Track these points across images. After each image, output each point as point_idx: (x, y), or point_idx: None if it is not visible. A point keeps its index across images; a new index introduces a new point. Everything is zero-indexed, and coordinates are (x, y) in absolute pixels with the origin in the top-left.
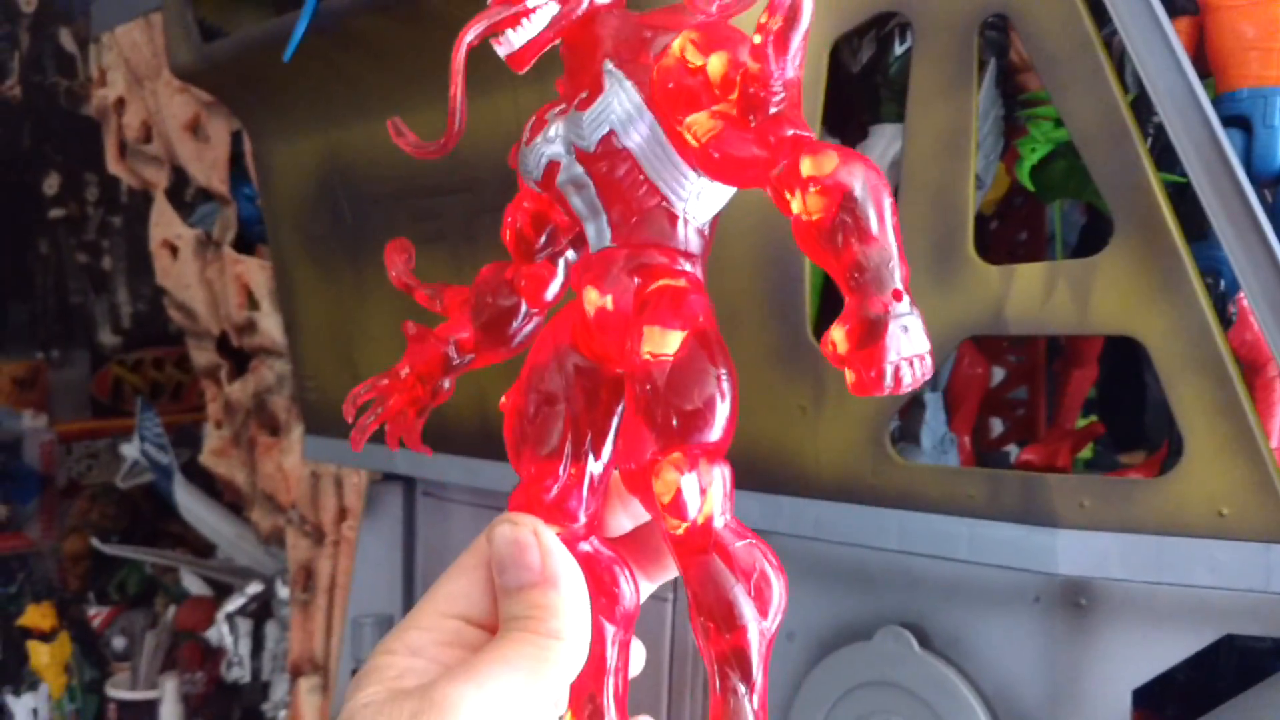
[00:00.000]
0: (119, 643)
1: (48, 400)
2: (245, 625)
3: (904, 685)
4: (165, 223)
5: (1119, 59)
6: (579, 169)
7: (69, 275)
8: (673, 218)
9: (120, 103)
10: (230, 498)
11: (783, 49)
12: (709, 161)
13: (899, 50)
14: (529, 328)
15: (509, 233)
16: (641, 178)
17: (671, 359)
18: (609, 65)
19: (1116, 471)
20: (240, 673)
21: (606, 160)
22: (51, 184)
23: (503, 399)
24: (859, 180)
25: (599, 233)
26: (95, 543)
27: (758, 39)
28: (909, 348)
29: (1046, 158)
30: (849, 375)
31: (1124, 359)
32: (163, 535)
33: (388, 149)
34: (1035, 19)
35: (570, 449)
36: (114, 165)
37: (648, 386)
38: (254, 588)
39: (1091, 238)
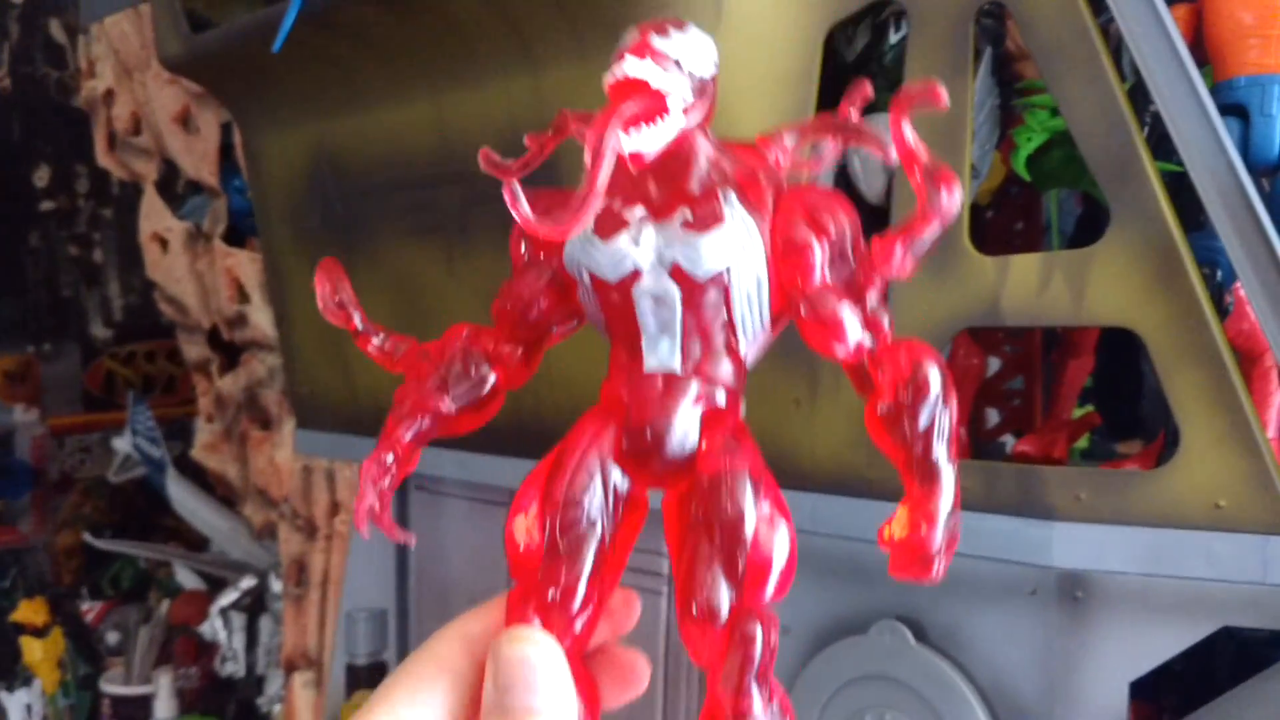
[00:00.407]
0: (112, 638)
1: (39, 394)
2: (239, 619)
3: (900, 679)
4: (155, 215)
5: (1116, 47)
6: (672, 288)
7: (60, 268)
8: (737, 358)
9: (109, 94)
10: (222, 492)
11: (912, 252)
12: (805, 323)
13: (894, 39)
14: (497, 405)
15: (511, 306)
16: (726, 316)
17: (757, 520)
18: (731, 197)
19: (1113, 461)
20: (235, 667)
21: (707, 291)
22: (42, 176)
23: (523, 520)
24: (946, 382)
25: (661, 351)
26: (88, 538)
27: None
28: (956, 544)
29: (1043, 147)
30: (898, 557)
31: (1120, 347)
32: (156, 529)
33: (379, 139)
34: (1032, 6)
35: (594, 572)
36: (103, 158)
37: (731, 539)
38: (247, 582)
39: (1088, 227)
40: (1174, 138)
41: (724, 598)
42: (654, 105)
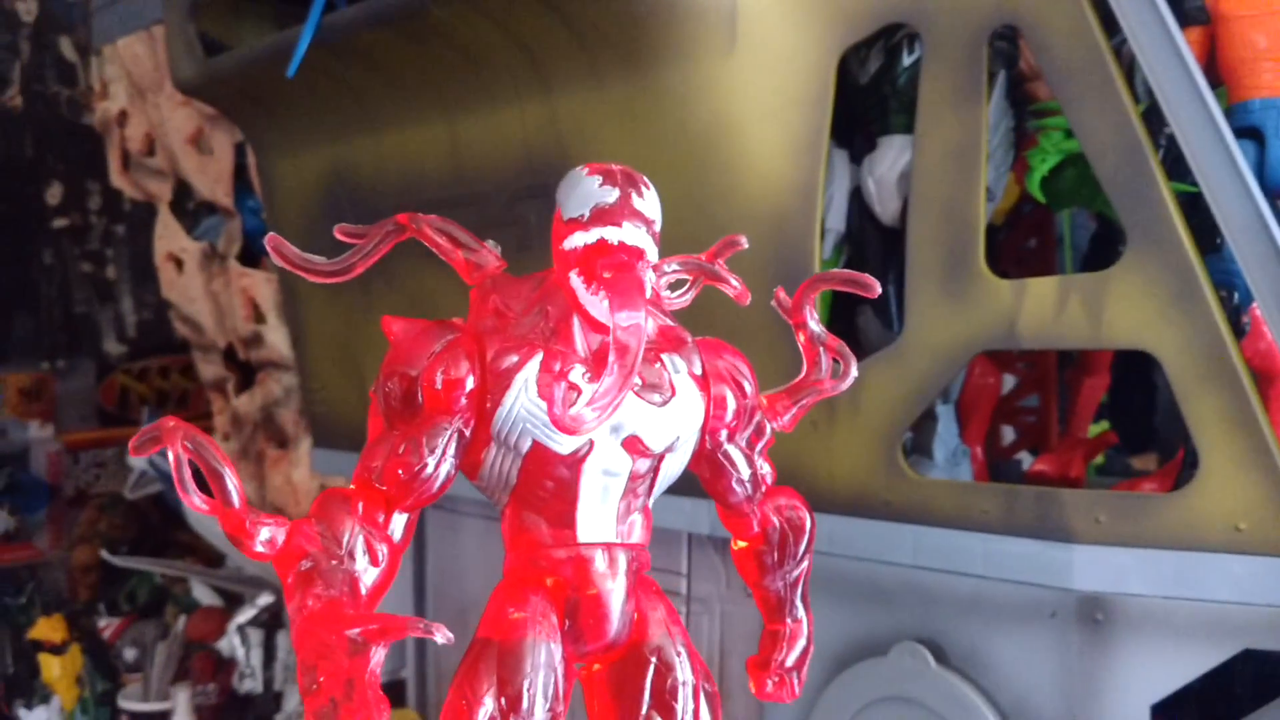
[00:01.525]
0: (130, 654)
1: (54, 410)
2: (257, 636)
3: (921, 701)
4: (170, 236)
5: (1129, 69)
6: (625, 461)
7: (73, 285)
8: (648, 514)
9: (123, 115)
10: None
11: (800, 413)
12: (711, 472)
13: (907, 61)
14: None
15: (413, 481)
16: (652, 479)
17: (696, 685)
18: (677, 363)
19: (1130, 480)
20: (253, 684)
21: (651, 459)
22: (54, 193)
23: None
24: (813, 535)
25: (598, 522)
26: (104, 554)
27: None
28: (806, 664)
29: (1056, 167)
30: (767, 685)
31: (1134, 362)
32: (172, 545)
33: (394, 162)
34: (1045, 30)
35: None
36: (117, 178)
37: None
38: (265, 598)
39: (1103, 244)
40: (1189, 161)
41: None
42: (643, 275)
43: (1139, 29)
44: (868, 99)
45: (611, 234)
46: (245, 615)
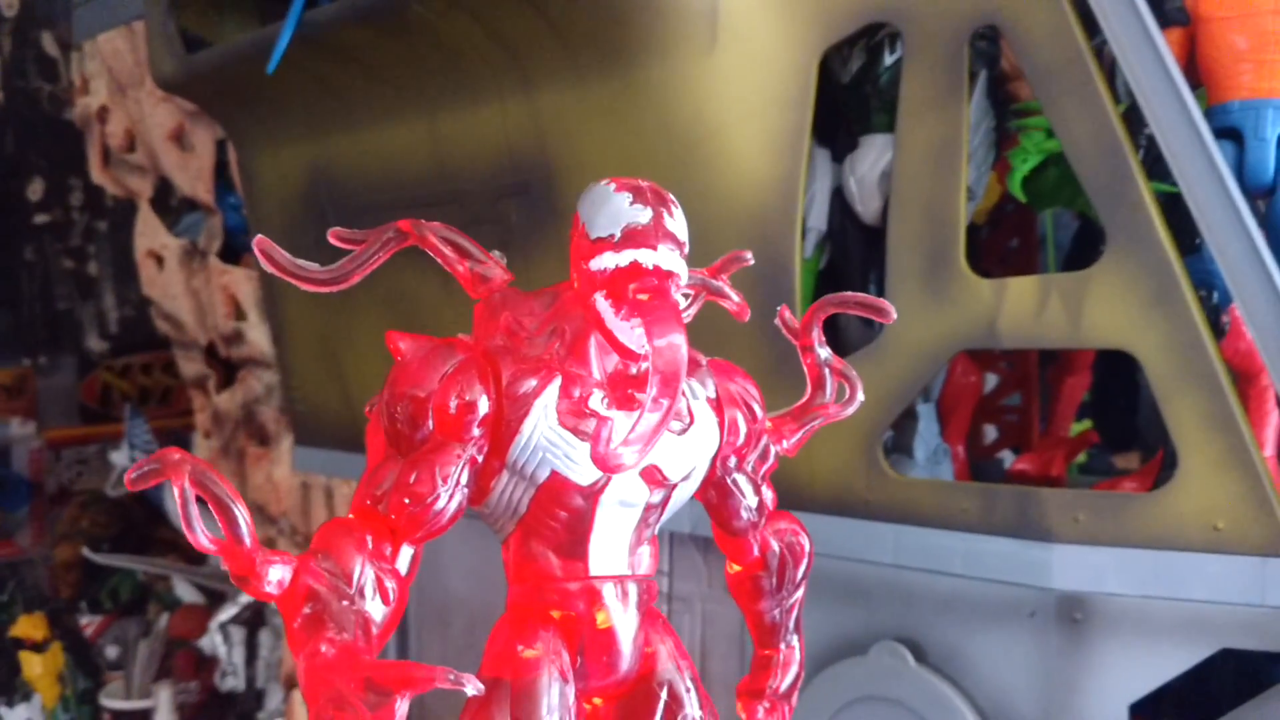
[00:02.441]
0: (112, 651)
1: (36, 407)
2: (239, 634)
3: (900, 700)
4: (150, 232)
5: (1110, 69)
6: (642, 491)
7: (55, 281)
8: (655, 544)
9: (103, 111)
10: None
11: (805, 437)
12: (719, 497)
13: (889, 60)
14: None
15: (423, 513)
16: (662, 509)
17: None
18: (695, 388)
19: (1111, 477)
20: (235, 682)
21: (669, 489)
22: (35, 189)
23: None
24: (810, 563)
25: (610, 554)
26: (86, 552)
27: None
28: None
29: (1038, 167)
30: (758, 713)
31: (1117, 360)
32: (154, 542)
33: (375, 159)
34: (1026, 30)
35: None
36: (98, 174)
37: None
38: (247, 596)
39: (1086, 243)
40: (1169, 161)
41: None
42: (678, 301)
43: (1119, 30)
44: (849, 98)
45: (646, 257)
46: (227, 613)
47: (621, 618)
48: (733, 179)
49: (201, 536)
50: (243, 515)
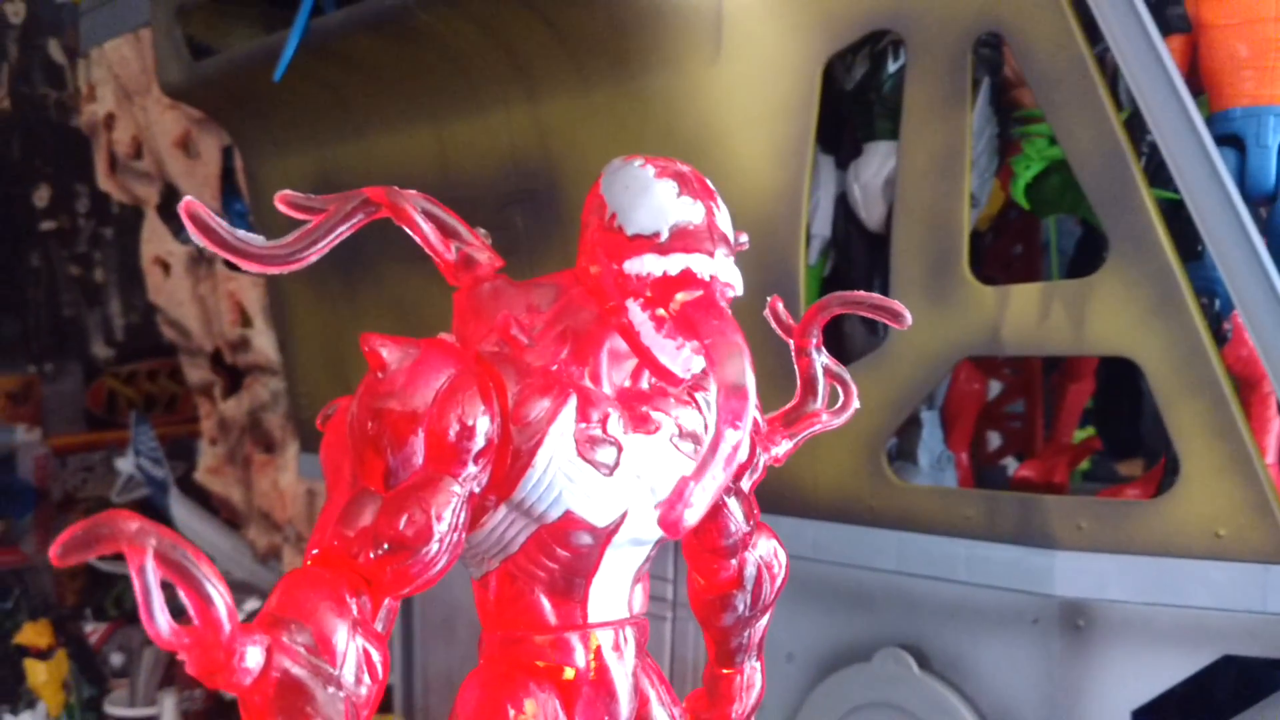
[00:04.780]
0: (117, 659)
1: (41, 414)
2: None
3: (904, 707)
4: (157, 239)
5: (1112, 76)
6: (655, 527)
7: (61, 288)
8: (648, 583)
9: (110, 118)
10: (226, 515)
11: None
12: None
13: (892, 68)
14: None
15: (423, 569)
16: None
17: None
18: (710, 400)
19: (1115, 484)
20: None
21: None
22: (42, 196)
23: None
24: (784, 582)
25: (612, 598)
26: (91, 559)
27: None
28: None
29: (1040, 173)
30: None
31: (1120, 368)
32: None
33: (380, 166)
34: (1029, 37)
35: None
36: (104, 181)
37: None
38: (252, 604)
39: (1088, 248)
40: (1171, 168)
41: None
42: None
43: (1121, 37)
44: (853, 105)
45: (701, 264)
46: None
47: (619, 669)
48: (737, 186)
49: (165, 628)
50: (223, 597)
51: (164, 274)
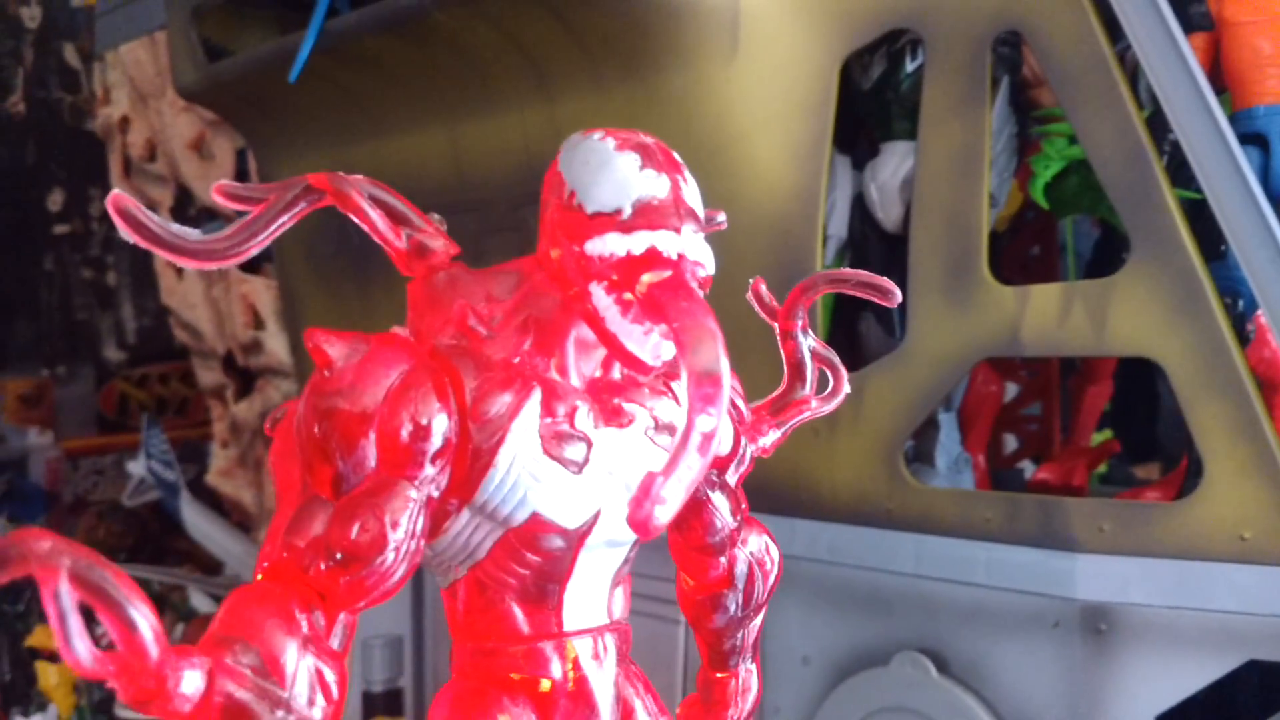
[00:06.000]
0: None
1: (54, 417)
2: None
3: (922, 711)
4: None
5: (1133, 74)
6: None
7: (74, 291)
8: (629, 586)
9: (125, 121)
10: (237, 518)
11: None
12: (696, 515)
13: (910, 67)
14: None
15: (378, 582)
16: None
17: None
18: (679, 389)
19: (1133, 488)
20: None
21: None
22: (56, 200)
23: None
24: (777, 580)
25: (588, 605)
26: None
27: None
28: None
29: (1060, 173)
30: None
31: (1137, 370)
32: (170, 552)
33: (395, 167)
34: (1049, 35)
35: None
36: (118, 183)
37: None
38: None
39: (1106, 250)
40: (1193, 167)
41: None
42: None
43: (1143, 35)
44: (870, 105)
45: (667, 241)
46: None
47: (598, 677)
48: (754, 186)
49: (86, 655)
50: (147, 619)
51: (177, 276)
